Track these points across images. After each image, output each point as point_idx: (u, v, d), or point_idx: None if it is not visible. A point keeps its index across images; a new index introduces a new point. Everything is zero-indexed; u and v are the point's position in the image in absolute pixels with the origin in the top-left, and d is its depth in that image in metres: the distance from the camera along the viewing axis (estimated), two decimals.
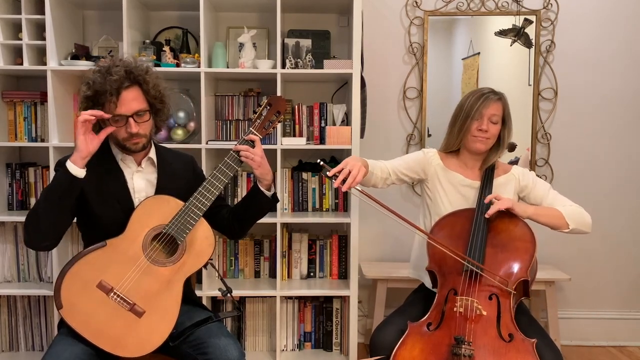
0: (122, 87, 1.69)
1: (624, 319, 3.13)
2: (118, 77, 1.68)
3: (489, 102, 1.95)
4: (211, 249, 1.78)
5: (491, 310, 1.75)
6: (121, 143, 1.76)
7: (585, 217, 1.96)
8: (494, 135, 1.97)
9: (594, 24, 3.03)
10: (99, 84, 1.68)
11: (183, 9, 2.86)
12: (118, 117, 1.71)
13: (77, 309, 1.66)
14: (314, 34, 2.83)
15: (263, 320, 2.82)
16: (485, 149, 1.99)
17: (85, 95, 1.71)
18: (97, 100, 1.70)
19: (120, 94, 1.69)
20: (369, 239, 3.06)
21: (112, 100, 1.68)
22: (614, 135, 3.08)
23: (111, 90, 1.67)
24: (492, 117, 1.95)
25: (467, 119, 1.97)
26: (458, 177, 2.04)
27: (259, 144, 1.84)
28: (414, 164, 2.07)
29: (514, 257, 1.83)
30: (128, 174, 1.82)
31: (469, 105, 1.97)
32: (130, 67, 1.73)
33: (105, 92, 1.67)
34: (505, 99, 2.01)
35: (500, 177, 2.04)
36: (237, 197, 2.79)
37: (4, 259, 2.71)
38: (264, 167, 1.85)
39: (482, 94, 1.97)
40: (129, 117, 1.71)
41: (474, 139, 1.97)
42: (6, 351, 2.75)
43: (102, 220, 1.76)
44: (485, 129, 1.94)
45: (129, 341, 1.66)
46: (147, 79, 1.75)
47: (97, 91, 1.68)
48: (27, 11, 2.53)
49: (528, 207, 1.91)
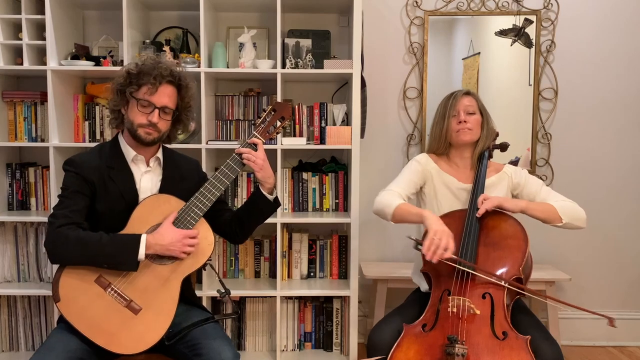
0: (165, 79, 1.77)
1: (624, 319, 3.13)
2: (167, 70, 1.77)
3: (458, 97, 2.04)
4: (210, 250, 1.79)
5: (484, 309, 1.76)
6: (134, 128, 1.78)
7: (579, 211, 1.96)
8: (475, 125, 2.03)
9: (594, 23, 3.03)
10: (149, 67, 1.76)
11: (183, 9, 2.86)
12: (147, 104, 1.76)
13: (74, 302, 1.67)
14: (314, 34, 2.83)
15: (263, 321, 2.81)
16: (472, 139, 2.03)
17: (128, 71, 1.77)
18: (137, 80, 1.75)
19: (162, 84, 1.77)
20: (369, 239, 3.06)
21: (154, 85, 1.75)
22: (614, 135, 3.08)
23: (156, 75, 1.74)
24: (467, 108, 2.02)
25: (444, 118, 2.04)
26: (452, 180, 2.05)
27: (262, 147, 1.86)
28: (417, 179, 2.08)
29: (506, 255, 1.84)
30: (137, 175, 1.84)
31: (441, 107, 2.08)
32: (179, 71, 1.84)
33: (151, 75, 1.74)
34: (474, 92, 2.10)
35: (492, 177, 2.05)
36: (238, 197, 2.79)
37: (4, 259, 2.71)
38: (266, 171, 1.86)
39: (450, 94, 2.07)
40: (157, 107, 1.76)
41: (458, 133, 2.02)
42: (6, 351, 2.75)
43: (105, 217, 1.78)
44: (463, 119, 2.01)
45: (124, 337, 1.67)
46: (187, 87, 1.85)
47: (142, 72, 1.75)
48: (27, 11, 2.53)
49: (519, 201, 1.94)
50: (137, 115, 1.77)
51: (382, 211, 1.98)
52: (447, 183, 2.05)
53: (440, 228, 1.78)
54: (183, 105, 1.86)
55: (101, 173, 1.77)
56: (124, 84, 1.77)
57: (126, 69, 1.79)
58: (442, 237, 1.75)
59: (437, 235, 1.76)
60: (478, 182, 2.00)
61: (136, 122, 1.77)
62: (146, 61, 1.79)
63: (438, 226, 1.79)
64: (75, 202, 1.74)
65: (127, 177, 1.82)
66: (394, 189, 2.03)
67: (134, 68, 1.78)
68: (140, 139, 1.79)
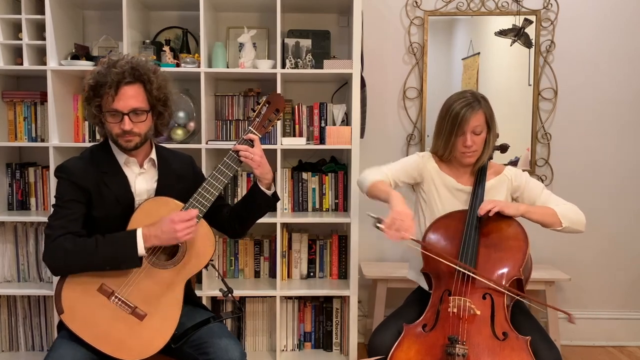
0: (122, 82, 1.66)
1: (624, 319, 3.13)
2: (121, 71, 1.66)
3: (469, 116, 1.91)
4: (212, 250, 1.76)
5: (485, 309, 1.76)
6: (114, 139, 1.74)
7: (579, 215, 1.95)
8: (480, 145, 1.97)
9: (594, 24, 3.03)
10: (102, 75, 1.67)
11: (183, 9, 2.86)
12: (114, 112, 1.68)
13: (78, 313, 1.65)
14: (314, 34, 2.83)
15: (263, 320, 2.82)
16: (475, 160, 2.00)
17: (88, 83, 1.69)
18: (97, 91, 1.68)
19: (120, 88, 1.67)
20: (369, 239, 3.06)
21: (111, 93, 1.66)
22: (614, 135, 3.08)
23: (111, 82, 1.65)
24: (475, 128, 1.93)
25: (450, 136, 1.95)
26: (452, 181, 2.05)
27: (258, 143, 1.81)
28: (411, 169, 2.08)
29: (506, 256, 1.84)
30: (131, 178, 1.79)
31: (449, 121, 1.94)
32: (137, 65, 1.70)
33: (105, 84, 1.65)
34: (486, 103, 1.96)
35: (491, 180, 2.04)
36: (237, 196, 2.79)
37: (4, 259, 2.71)
38: (264, 167, 1.82)
39: (461, 107, 1.91)
40: (124, 114, 1.68)
41: (462, 155, 1.98)
42: (6, 351, 2.75)
43: (103, 223, 1.73)
44: (469, 144, 1.93)
45: (131, 344, 1.65)
46: (151, 79, 1.72)
47: (98, 81, 1.67)
48: (27, 11, 2.53)
49: (520, 206, 1.93)
50: (111, 126, 1.70)
51: (361, 183, 2.07)
52: (446, 183, 2.05)
53: (403, 210, 1.79)
54: (156, 98, 1.74)
55: (95, 179, 1.72)
56: (88, 98, 1.70)
57: (85, 82, 1.70)
58: (405, 219, 1.75)
59: (400, 215, 1.76)
60: (478, 186, 1.99)
61: (113, 133, 1.72)
62: (100, 69, 1.68)
63: (401, 207, 1.80)
64: (71, 210, 1.69)
65: (121, 181, 1.77)
66: (384, 169, 2.07)
67: (91, 79, 1.68)
68: (123, 148, 1.75)
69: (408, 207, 1.82)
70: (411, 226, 1.75)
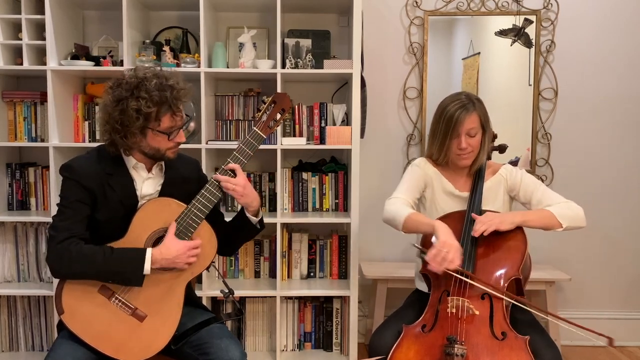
0: (179, 103, 1.70)
1: (624, 319, 3.13)
2: (180, 89, 1.70)
3: (463, 118, 1.90)
4: (214, 252, 1.76)
5: (483, 309, 1.76)
6: (161, 153, 1.73)
7: (577, 212, 1.92)
8: (476, 147, 1.96)
9: (594, 24, 3.03)
10: (162, 95, 1.65)
11: (183, 9, 2.86)
12: (177, 129, 1.71)
13: (78, 314, 1.65)
14: (314, 34, 2.83)
15: (263, 321, 2.82)
16: (471, 162, 1.99)
17: (138, 109, 1.63)
18: (157, 115, 1.66)
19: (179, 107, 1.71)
20: (369, 239, 3.06)
21: (176, 113, 1.70)
22: (614, 135, 3.08)
23: (174, 102, 1.68)
24: (470, 130, 1.92)
25: (445, 138, 1.94)
26: (450, 187, 2.04)
27: (241, 172, 1.76)
28: (418, 183, 2.05)
29: (505, 257, 1.84)
30: (139, 182, 1.78)
31: (444, 123, 1.93)
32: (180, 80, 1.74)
33: (167, 103, 1.66)
34: (480, 105, 1.95)
35: (488, 181, 2.03)
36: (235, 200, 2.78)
37: (4, 259, 2.71)
38: (248, 196, 1.78)
39: (456, 109, 1.90)
40: (180, 128, 1.72)
41: (457, 157, 1.97)
42: (6, 351, 2.75)
43: (105, 225, 1.72)
44: (464, 147, 1.92)
45: (132, 345, 1.65)
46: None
47: (159, 102, 1.65)
48: (27, 11, 2.53)
49: (515, 217, 1.88)
50: (162, 142, 1.71)
51: (392, 220, 1.95)
52: (445, 188, 2.05)
53: (450, 241, 1.75)
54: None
55: (100, 180, 1.71)
56: (140, 125, 1.65)
57: (134, 108, 1.62)
58: (450, 250, 1.72)
59: (444, 247, 1.73)
60: (475, 192, 1.98)
61: (163, 147, 1.71)
62: (153, 93, 1.64)
63: (448, 238, 1.76)
64: (76, 211, 1.68)
65: (127, 185, 1.75)
66: (400, 196, 2.00)
67: (150, 106, 1.63)
68: (166, 159, 1.75)
69: (454, 238, 1.78)
70: (456, 257, 1.73)
